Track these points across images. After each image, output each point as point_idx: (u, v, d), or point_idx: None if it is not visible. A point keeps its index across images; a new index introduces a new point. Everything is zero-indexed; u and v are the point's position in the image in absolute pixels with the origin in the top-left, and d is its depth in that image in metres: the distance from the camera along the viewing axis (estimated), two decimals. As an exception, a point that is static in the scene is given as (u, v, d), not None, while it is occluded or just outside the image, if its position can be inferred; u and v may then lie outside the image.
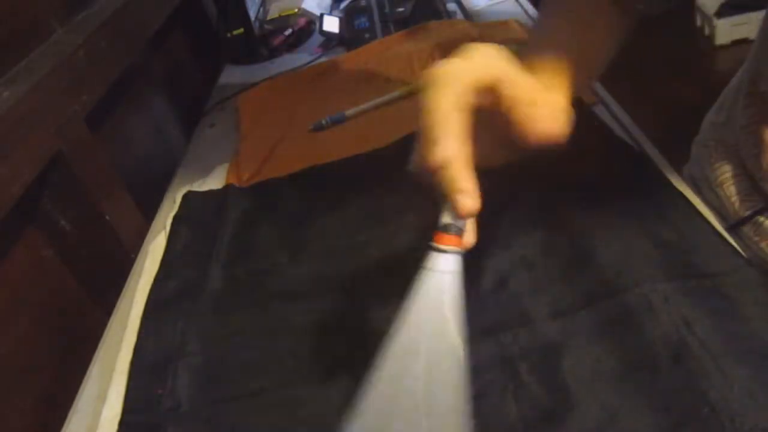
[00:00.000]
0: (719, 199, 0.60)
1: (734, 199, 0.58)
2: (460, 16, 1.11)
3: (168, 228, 0.70)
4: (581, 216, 0.54)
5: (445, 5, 1.13)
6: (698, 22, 2.34)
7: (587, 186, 0.58)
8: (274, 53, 1.17)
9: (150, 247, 0.69)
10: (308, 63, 1.07)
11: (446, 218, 0.35)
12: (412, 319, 0.34)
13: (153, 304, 0.60)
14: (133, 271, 0.68)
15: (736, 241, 0.50)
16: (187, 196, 0.74)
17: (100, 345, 0.60)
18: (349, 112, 0.84)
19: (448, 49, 0.94)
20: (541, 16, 0.54)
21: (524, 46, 0.47)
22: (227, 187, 0.74)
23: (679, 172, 0.61)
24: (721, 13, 2.20)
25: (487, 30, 0.98)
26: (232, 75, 1.14)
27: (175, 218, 0.71)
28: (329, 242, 0.62)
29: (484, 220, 0.57)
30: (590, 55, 0.47)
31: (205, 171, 0.81)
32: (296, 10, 1.31)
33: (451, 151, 0.33)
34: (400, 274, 0.55)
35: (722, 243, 0.49)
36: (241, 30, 1.14)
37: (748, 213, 0.57)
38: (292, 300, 0.56)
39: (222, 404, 0.48)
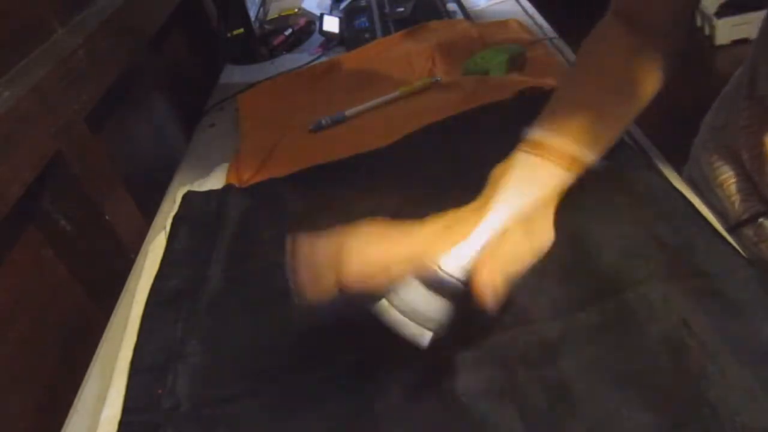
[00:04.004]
0: (719, 199, 0.60)
1: (734, 199, 0.58)
2: (460, 16, 1.11)
3: (168, 228, 0.70)
4: (581, 216, 0.54)
5: (445, 5, 1.13)
6: (698, 22, 2.34)
7: (587, 186, 0.58)
8: (274, 53, 1.17)
9: (150, 247, 0.69)
10: (308, 63, 1.07)
11: None
12: None
13: (153, 304, 0.60)
14: (133, 271, 0.68)
15: (736, 242, 0.50)
16: (187, 196, 0.74)
17: (100, 345, 0.60)
18: (349, 112, 0.84)
19: (448, 49, 0.94)
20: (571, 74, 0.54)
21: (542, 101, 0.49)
22: (227, 187, 0.74)
23: (679, 172, 0.61)
24: (721, 13, 2.20)
25: (487, 30, 0.98)
26: (232, 75, 1.14)
27: (175, 218, 0.71)
28: (329, 242, 0.62)
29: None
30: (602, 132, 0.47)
31: (205, 171, 0.81)
32: (296, 10, 1.31)
33: None
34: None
35: (722, 243, 0.49)
36: (241, 30, 1.14)
37: (748, 215, 0.57)
38: (292, 300, 0.56)
39: (222, 404, 0.48)
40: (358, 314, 0.41)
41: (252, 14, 1.18)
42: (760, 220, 0.56)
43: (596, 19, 0.53)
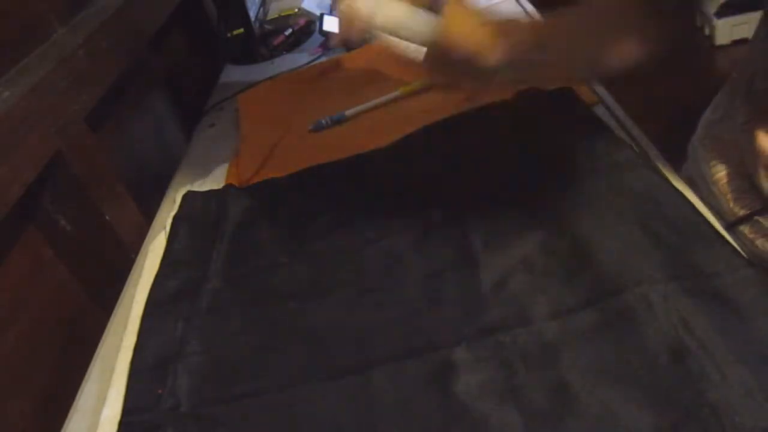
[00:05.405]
0: (714, 196, 0.60)
1: (729, 196, 0.58)
2: (460, 16, 1.10)
3: (168, 228, 0.70)
4: (581, 216, 0.54)
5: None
6: (698, 22, 2.34)
7: (587, 186, 0.58)
8: (274, 53, 1.17)
9: (150, 247, 0.69)
10: (308, 63, 1.07)
11: None
12: None
13: (153, 304, 0.60)
14: (133, 271, 0.68)
15: (734, 240, 0.50)
16: (187, 196, 0.74)
17: (100, 345, 0.60)
18: (349, 112, 0.84)
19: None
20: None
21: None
22: (227, 187, 0.74)
23: (678, 171, 0.61)
24: (721, 13, 2.20)
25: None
26: (232, 75, 1.14)
27: (175, 218, 0.71)
28: (329, 242, 0.62)
29: (483, 219, 0.57)
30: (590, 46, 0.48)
31: (205, 171, 0.81)
32: (296, 10, 1.31)
33: None
34: (399, 273, 0.55)
35: (722, 243, 0.49)
36: (241, 30, 1.14)
37: (744, 211, 0.57)
38: (292, 300, 0.56)
39: (222, 404, 0.48)
40: None
41: (252, 14, 1.18)
42: (756, 217, 0.56)
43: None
